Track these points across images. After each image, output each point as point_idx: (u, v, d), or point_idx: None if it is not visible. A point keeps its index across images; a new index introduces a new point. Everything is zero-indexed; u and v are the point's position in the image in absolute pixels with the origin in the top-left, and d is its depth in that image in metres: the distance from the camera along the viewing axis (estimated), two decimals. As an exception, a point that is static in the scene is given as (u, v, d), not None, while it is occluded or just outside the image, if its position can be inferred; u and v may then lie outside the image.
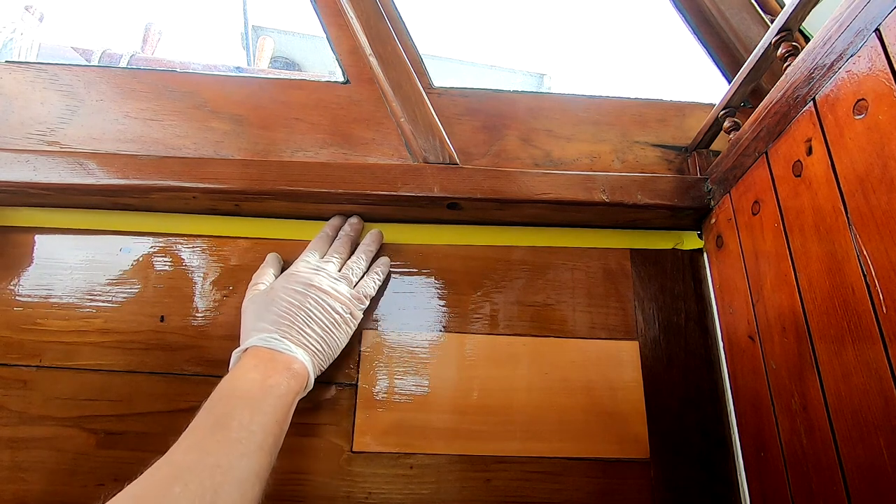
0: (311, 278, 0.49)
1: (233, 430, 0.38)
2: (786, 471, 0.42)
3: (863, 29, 0.35)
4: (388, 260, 0.57)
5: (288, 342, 0.45)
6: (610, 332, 0.56)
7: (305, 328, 0.47)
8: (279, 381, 0.42)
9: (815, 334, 0.39)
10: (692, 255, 0.59)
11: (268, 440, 0.39)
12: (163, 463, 0.35)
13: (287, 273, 0.51)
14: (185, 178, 0.54)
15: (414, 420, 0.52)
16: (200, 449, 0.36)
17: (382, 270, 0.55)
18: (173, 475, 0.34)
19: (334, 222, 0.57)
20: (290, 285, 0.48)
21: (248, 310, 0.49)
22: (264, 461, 0.38)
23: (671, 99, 0.66)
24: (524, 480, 0.51)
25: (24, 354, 0.53)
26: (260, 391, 0.41)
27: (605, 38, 13.23)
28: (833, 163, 0.37)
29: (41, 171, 0.53)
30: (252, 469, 0.37)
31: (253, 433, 0.38)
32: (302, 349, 0.46)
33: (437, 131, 0.60)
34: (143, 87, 0.63)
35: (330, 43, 0.65)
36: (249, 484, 0.36)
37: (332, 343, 0.49)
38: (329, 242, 0.55)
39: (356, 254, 0.54)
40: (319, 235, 0.55)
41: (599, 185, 0.55)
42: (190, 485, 0.33)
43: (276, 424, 0.41)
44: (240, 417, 0.39)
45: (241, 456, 0.37)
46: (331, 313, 0.48)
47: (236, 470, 0.36)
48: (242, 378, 0.42)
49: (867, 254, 0.34)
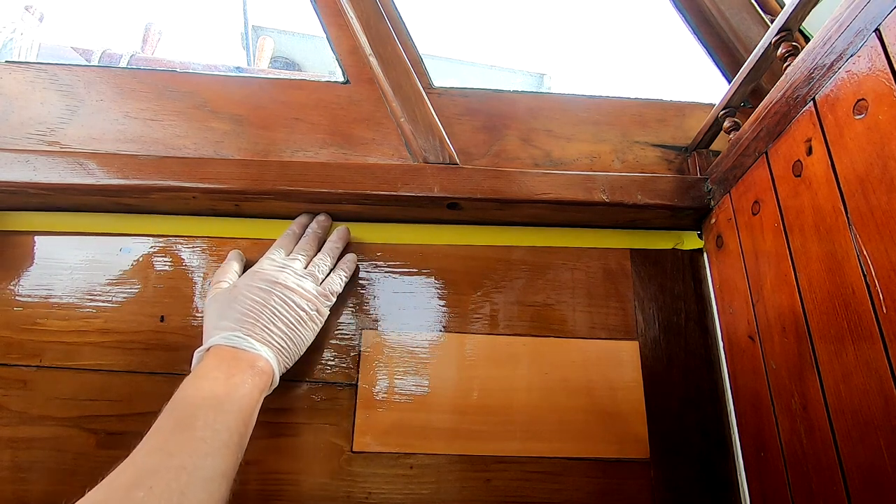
0: (277, 276, 0.49)
1: (197, 430, 0.37)
2: (786, 471, 0.42)
3: (863, 29, 0.35)
4: (355, 256, 0.57)
5: (252, 340, 0.45)
6: (610, 332, 0.56)
7: (270, 326, 0.46)
8: (243, 379, 0.42)
9: (815, 334, 0.39)
10: (692, 255, 0.59)
11: (233, 439, 0.39)
12: (126, 466, 0.35)
13: (251, 270, 0.50)
14: (185, 178, 0.54)
15: (414, 420, 0.52)
16: (164, 451, 0.36)
17: (349, 267, 0.55)
18: (137, 479, 0.34)
19: (301, 220, 0.57)
20: (255, 283, 0.48)
21: (211, 308, 0.48)
22: (231, 460, 0.38)
23: (671, 99, 0.66)
24: (524, 480, 0.51)
25: (24, 354, 0.53)
26: (223, 390, 0.41)
27: (605, 38, 13.23)
28: (833, 163, 0.37)
29: (41, 171, 0.53)
30: (218, 469, 0.37)
31: (217, 432, 0.38)
32: (267, 347, 0.45)
33: (437, 131, 0.60)
34: (143, 87, 0.63)
35: (330, 43, 0.65)
36: (216, 484, 0.36)
37: (297, 340, 0.48)
38: (296, 240, 0.54)
39: (322, 251, 0.54)
40: (286, 233, 0.55)
41: (599, 185, 0.55)
42: (155, 488, 0.33)
43: (241, 423, 0.40)
44: (204, 417, 0.38)
45: (207, 456, 0.36)
46: (296, 310, 0.48)
47: (202, 470, 0.35)
48: (205, 377, 0.41)
49: (867, 254, 0.34)
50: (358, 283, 0.57)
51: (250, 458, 0.50)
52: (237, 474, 0.39)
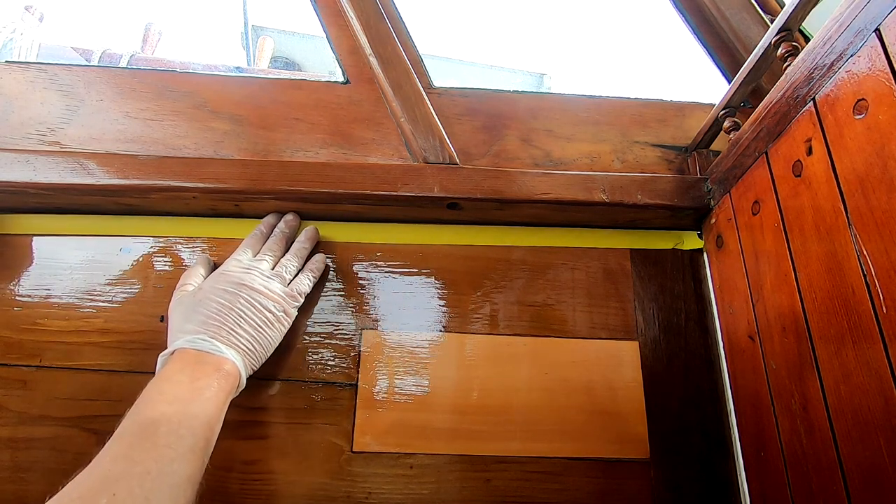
0: (242, 277, 0.48)
1: (161, 435, 0.37)
2: (786, 471, 0.42)
3: (863, 29, 0.35)
4: (324, 256, 0.57)
5: (217, 342, 0.44)
6: (610, 332, 0.56)
7: (236, 328, 0.46)
8: (208, 382, 0.42)
9: (815, 334, 0.39)
10: (692, 255, 0.59)
11: (199, 443, 0.39)
12: (88, 473, 0.34)
13: (217, 272, 0.50)
14: (185, 178, 0.54)
15: (414, 420, 0.52)
16: (128, 458, 0.35)
17: (318, 267, 0.55)
18: (100, 485, 0.33)
19: (269, 220, 0.56)
20: (220, 285, 0.48)
21: (176, 311, 0.48)
22: (196, 464, 0.38)
23: (671, 99, 0.66)
24: (524, 480, 0.51)
25: (24, 354, 0.53)
26: (188, 394, 0.40)
27: (605, 38, 13.23)
28: (833, 163, 0.37)
29: (41, 171, 0.53)
30: (184, 473, 0.36)
31: (182, 437, 0.38)
32: (233, 349, 0.45)
33: (437, 131, 0.60)
34: (143, 87, 0.63)
35: (330, 43, 0.65)
36: (181, 489, 0.36)
37: (264, 342, 0.48)
38: (263, 241, 0.54)
39: (290, 251, 0.54)
40: (253, 233, 0.54)
41: (599, 185, 0.55)
42: (118, 494, 0.33)
43: (206, 427, 0.40)
44: (168, 423, 0.38)
45: (172, 461, 0.36)
46: (263, 312, 0.48)
47: (167, 476, 0.35)
48: (169, 381, 0.41)
49: (867, 254, 0.34)
50: (358, 282, 0.57)
51: (250, 458, 0.50)
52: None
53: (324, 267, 0.56)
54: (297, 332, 0.54)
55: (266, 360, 0.49)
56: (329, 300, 0.56)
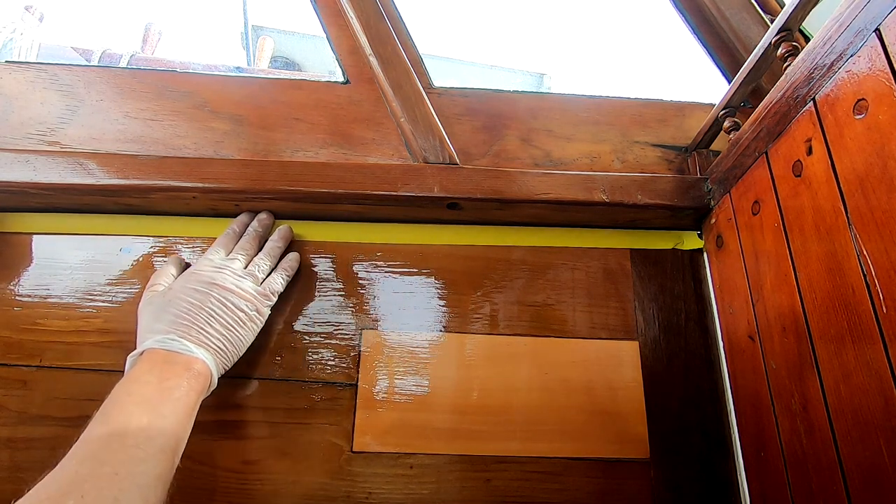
0: (214, 277, 0.48)
1: (129, 436, 0.37)
2: (786, 471, 0.42)
3: (863, 29, 0.35)
4: (298, 255, 0.56)
5: (187, 342, 0.44)
6: (610, 332, 0.56)
7: (207, 327, 0.45)
8: (178, 382, 0.42)
9: (815, 334, 0.39)
10: (692, 255, 0.59)
11: (169, 443, 0.39)
12: (56, 474, 0.34)
13: (188, 272, 0.49)
14: (185, 178, 0.54)
15: (414, 420, 0.52)
16: (96, 459, 0.35)
17: (291, 266, 0.55)
18: (68, 487, 0.33)
19: (242, 219, 0.56)
20: (191, 284, 0.47)
21: (145, 311, 0.47)
22: (166, 464, 0.38)
23: (671, 99, 0.66)
24: (524, 480, 0.51)
25: (24, 354, 0.53)
26: (157, 394, 0.40)
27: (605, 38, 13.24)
28: (833, 163, 0.37)
29: (41, 171, 0.53)
30: (153, 473, 0.36)
31: (152, 438, 0.38)
32: (203, 349, 0.45)
33: (437, 131, 0.60)
34: (143, 87, 0.63)
35: (330, 43, 0.65)
36: (151, 489, 0.36)
37: (236, 341, 0.47)
38: (235, 240, 0.54)
39: (263, 250, 0.54)
40: (225, 233, 0.54)
41: (599, 185, 0.55)
42: (87, 496, 0.32)
43: (177, 426, 0.40)
44: (137, 423, 0.38)
45: (141, 462, 0.36)
46: (234, 311, 0.47)
47: (136, 476, 0.35)
48: (137, 381, 0.41)
49: (867, 254, 0.34)
50: (358, 282, 0.57)
51: (250, 458, 0.50)
52: None
53: (297, 265, 0.56)
54: (298, 332, 0.55)
55: (239, 359, 0.49)
56: (329, 300, 0.56)
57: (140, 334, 0.47)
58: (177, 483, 0.39)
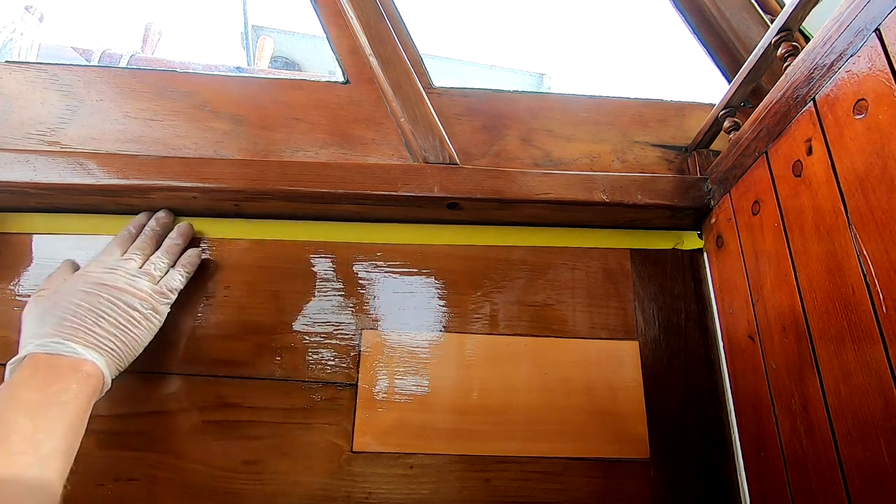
0: (103, 277, 0.47)
1: (13, 443, 0.36)
2: (786, 471, 0.42)
3: (863, 29, 0.35)
4: (199, 251, 0.55)
5: (72, 344, 0.43)
6: (610, 332, 0.56)
7: (95, 328, 0.44)
8: (65, 386, 0.41)
9: (815, 334, 0.39)
10: (692, 255, 0.59)
11: (60, 446, 0.38)
12: None
13: (77, 274, 0.48)
14: (185, 178, 0.54)
15: (414, 420, 0.52)
16: None
17: (191, 262, 0.54)
18: None
19: (139, 219, 0.55)
20: (79, 286, 0.46)
21: (29, 316, 0.46)
22: (59, 466, 0.38)
23: (671, 99, 0.66)
24: (524, 480, 0.51)
25: (24, 354, 0.53)
26: (43, 399, 0.39)
27: (605, 38, 13.23)
28: (833, 163, 0.37)
29: (41, 171, 0.53)
30: (44, 477, 0.36)
31: (40, 442, 0.37)
32: (93, 350, 0.44)
33: (437, 131, 0.60)
34: (143, 87, 0.63)
35: (330, 43, 0.65)
36: (45, 494, 0.36)
37: (130, 341, 0.46)
38: (131, 240, 0.52)
39: (160, 248, 0.53)
40: (120, 233, 0.53)
41: (599, 185, 0.55)
42: None
43: (68, 430, 0.39)
44: (21, 430, 0.37)
45: (29, 467, 0.36)
46: (127, 311, 0.46)
47: (25, 481, 0.35)
48: (20, 387, 0.40)
49: (867, 254, 0.34)
50: (358, 282, 0.57)
51: (250, 458, 0.50)
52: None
53: (198, 262, 0.55)
54: (298, 332, 0.55)
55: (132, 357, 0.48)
56: (329, 300, 0.56)
57: (22, 340, 0.45)
58: (177, 483, 0.39)
